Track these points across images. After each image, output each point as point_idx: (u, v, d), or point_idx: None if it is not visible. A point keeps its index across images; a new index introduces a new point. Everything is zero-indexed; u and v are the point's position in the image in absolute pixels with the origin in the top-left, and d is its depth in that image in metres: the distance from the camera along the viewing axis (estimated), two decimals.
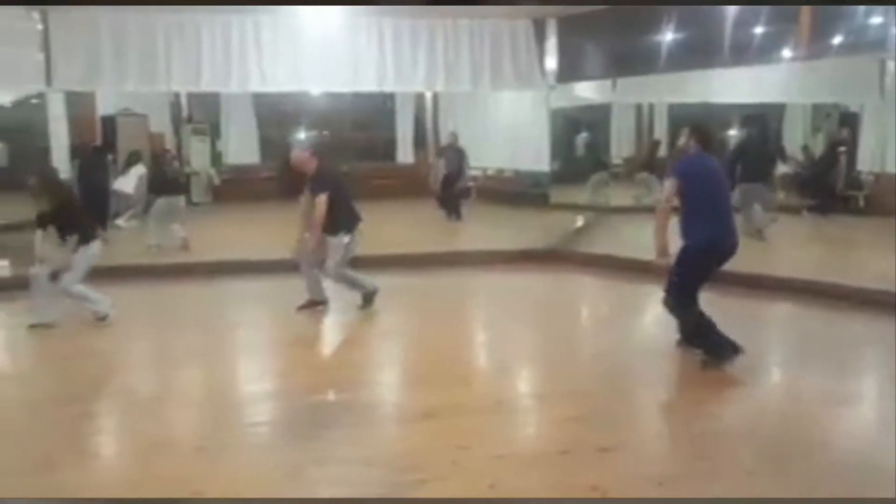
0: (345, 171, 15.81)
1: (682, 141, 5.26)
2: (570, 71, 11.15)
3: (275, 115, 15.90)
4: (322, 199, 6.37)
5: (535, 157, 12.13)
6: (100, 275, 6.72)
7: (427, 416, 4.32)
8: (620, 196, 13.02)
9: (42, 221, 6.36)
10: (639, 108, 15.77)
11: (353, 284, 6.73)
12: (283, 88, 11.13)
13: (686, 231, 5.03)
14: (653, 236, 5.09)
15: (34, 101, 12.84)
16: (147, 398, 4.92)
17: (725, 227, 5.04)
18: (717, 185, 5.11)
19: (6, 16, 9.98)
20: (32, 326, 6.25)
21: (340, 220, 6.50)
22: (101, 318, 6.39)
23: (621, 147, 15.34)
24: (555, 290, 8.15)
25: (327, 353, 6.19)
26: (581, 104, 13.80)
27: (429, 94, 15.61)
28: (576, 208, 12.30)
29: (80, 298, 6.41)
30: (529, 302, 7.61)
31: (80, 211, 6.63)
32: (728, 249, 5.05)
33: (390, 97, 15.92)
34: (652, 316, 6.98)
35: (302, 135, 16.10)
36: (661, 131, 15.70)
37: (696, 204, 4.97)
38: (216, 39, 10.42)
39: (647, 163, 13.39)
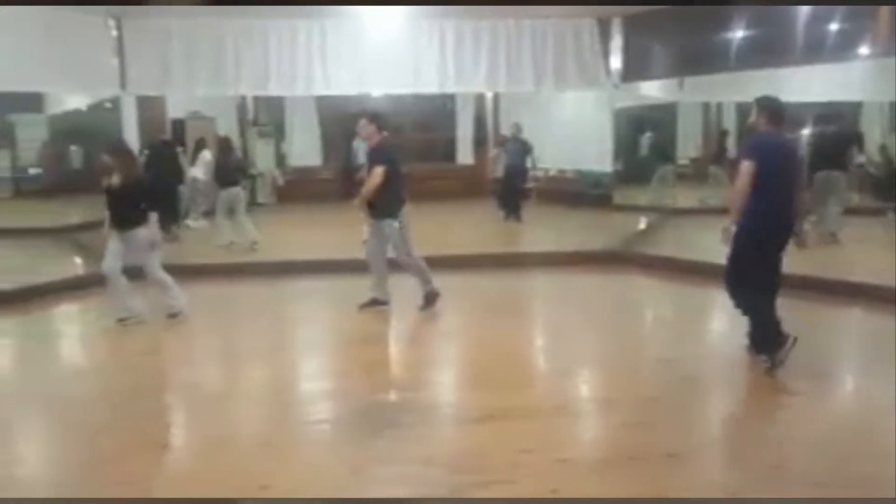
0: (404, 172, 16.05)
1: (751, 118, 5.05)
2: (635, 70, 10.99)
3: (337, 117, 16.10)
4: (379, 171, 6.46)
5: (598, 157, 11.99)
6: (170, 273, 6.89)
7: (489, 418, 4.30)
8: (685, 197, 12.75)
9: (113, 197, 6.34)
10: (706, 107, 15.42)
11: (422, 274, 6.75)
12: (347, 91, 11.29)
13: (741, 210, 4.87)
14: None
15: (108, 105, 13.33)
16: (214, 394, 5.03)
17: (778, 209, 4.84)
18: (779, 167, 4.86)
19: (83, 23, 10.39)
20: (121, 321, 6.39)
21: (388, 200, 6.52)
22: (174, 315, 6.53)
23: (687, 147, 15.03)
24: (618, 292, 8.03)
25: (389, 352, 6.22)
26: (646, 103, 13.58)
27: (489, 94, 15.59)
28: (639, 209, 12.10)
29: (164, 287, 6.50)
30: (592, 304, 7.51)
31: (150, 187, 6.61)
32: (781, 233, 4.90)
33: (451, 98, 15.94)
34: (717, 320, 6.83)
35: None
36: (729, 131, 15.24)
37: (754, 183, 4.78)
38: (283, 44, 10.64)
39: (716, 156, 13.06)
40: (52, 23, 9.94)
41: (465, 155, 16.67)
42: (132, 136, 11.73)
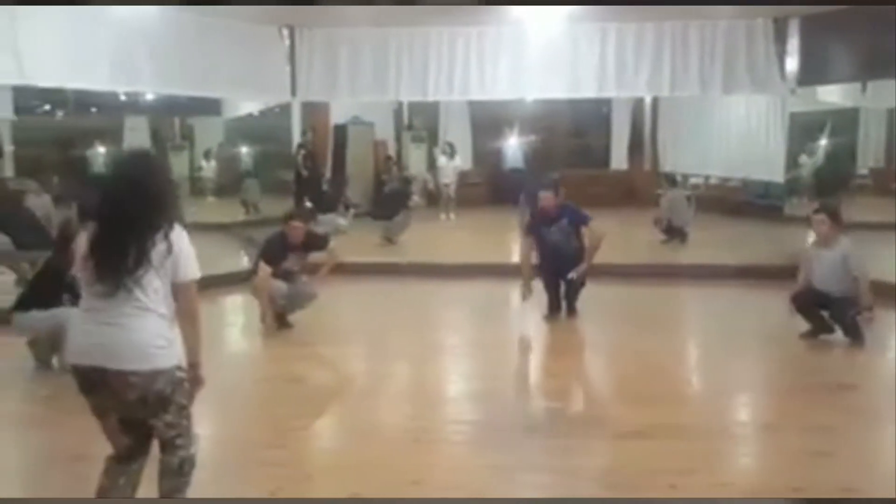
0: (556, 177, 15.78)
1: None
2: (813, 73, 10.23)
3: (489, 122, 16.15)
4: None
5: (768, 165, 11.26)
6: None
7: (642, 435, 4.11)
8: (873, 211, 11.60)
9: None
10: (891, 113, 14.11)
11: None
12: (502, 96, 11.30)
13: None
14: None
15: (276, 110, 14.15)
16: (368, 390, 5.15)
17: None
18: None
19: (260, 33, 11.10)
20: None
21: None
22: None
23: (867, 157, 13.81)
24: (786, 310, 7.44)
25: (537, 359, 6.13)
26: (822, 109, 12.61)
27: (648, 98, 15.07)
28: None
29: None
30: (757, 322, 7.01)
31: None
32: None
33: (606, 102, 15.57)
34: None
35: (513, 140, 16.22)
36: None
37: None
38: (442, 51, 10.84)
39: None
40: (231, 33, 10.70)
41: (618, 160, 16.20)
42: (296, 139, 12.39)
